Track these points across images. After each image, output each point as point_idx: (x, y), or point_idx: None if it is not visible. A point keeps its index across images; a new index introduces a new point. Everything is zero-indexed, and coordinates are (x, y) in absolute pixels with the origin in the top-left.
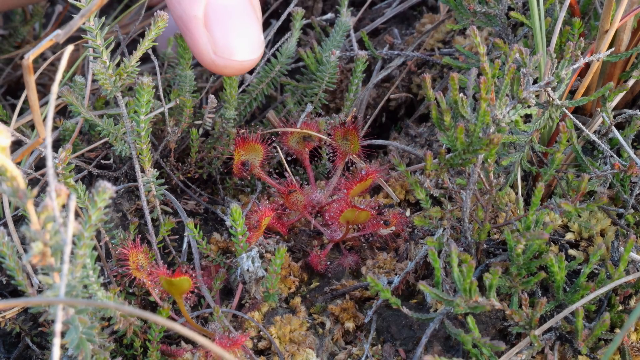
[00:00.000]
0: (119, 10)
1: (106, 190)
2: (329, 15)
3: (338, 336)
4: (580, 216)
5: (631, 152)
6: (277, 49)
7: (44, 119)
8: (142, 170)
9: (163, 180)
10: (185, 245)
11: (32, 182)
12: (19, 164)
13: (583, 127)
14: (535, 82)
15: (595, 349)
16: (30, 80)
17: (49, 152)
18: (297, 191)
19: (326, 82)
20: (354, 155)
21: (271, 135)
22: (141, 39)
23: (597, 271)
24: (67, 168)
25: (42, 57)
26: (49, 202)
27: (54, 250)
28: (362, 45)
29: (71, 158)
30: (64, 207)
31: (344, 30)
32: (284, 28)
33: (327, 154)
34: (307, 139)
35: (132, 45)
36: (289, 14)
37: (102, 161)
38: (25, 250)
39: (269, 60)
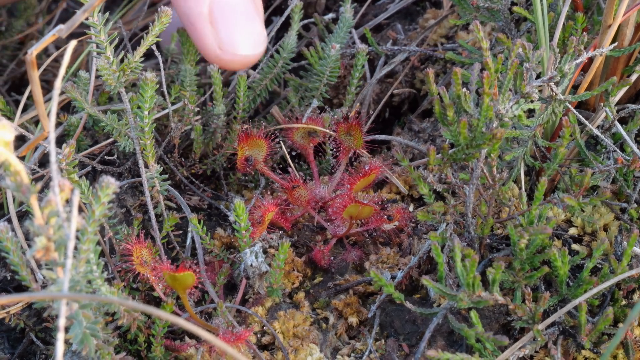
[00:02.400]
0: (122, 6)
1: (110, 185)
2: (331, 15)
3: (341, 331)
4: (583, 211)
5: (634, 147)
6: (280, 45)
7: (48, 114)
8: (146, 166)
9: (167, 176)
10: (189, 241)
11: (37, 179)
12: (22, 159)
13: (586, 122)
14: (538, 76)
15: (598, 343)
16: (34, 75)
17: (52, 148)
18: (300, 186)
19: (327, 76)
20: (360, 150)
21: (274, 130)
22: (145, 35)
23: (600, 266)
24: (70, 163)
25: (46, 53)
26: (53, 197)
27: (57, 245)
28: (365, 41)
29: (75, 155)
30: (68, 202)
31: (347, 26)
32: (287, 25)
33: (330, 150)
34: (312, 135)
35: (136, 41)
36: (292, 11)
37: (105, 157)
38: (29, 246)
39: (272, 56)
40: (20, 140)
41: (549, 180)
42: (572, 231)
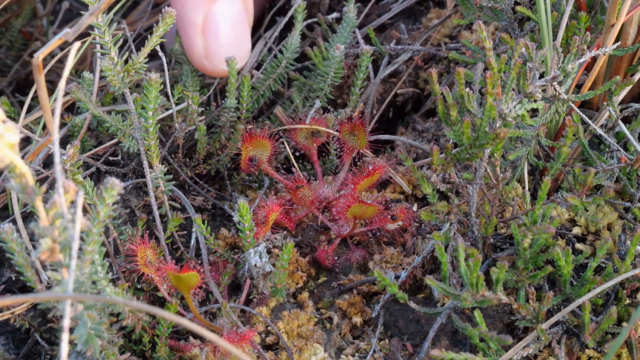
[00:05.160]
0: (126, 7)
1: (114, 186)
2: (335, 15)
3: (346, 331)
4: (587, 210)
5: (638, 146)
6: (283, 45)
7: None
8: (150, 166)
9: (171, 176)
10: (193, 241)
11: (41, 180)
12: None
13: (589, 121)
14: (541, 76)
15: (602, 342)
16: (40, 79)
17: (56, 149)
18: (304, 186)
19: (332, 76)
20: (363, 149)
21: (278, 131)
22: (149, 36)
23: (604, 265)
24: (75, 164)
25: (50, 53)
26: (57, 198)
27: (62, 247)
28: (368, 41)
29: (79, 156)
30: (73, 203)
31: (351, 26)
32: (290, 25)
33: (334, 150)
34: (316, 135)
35: (140, 41)
36: (295, 11)
37: (110, 157)
38: (34, 247)
39: (275, 56)
40: (25, 142)
41: (553, 179)
42: (576, 230)
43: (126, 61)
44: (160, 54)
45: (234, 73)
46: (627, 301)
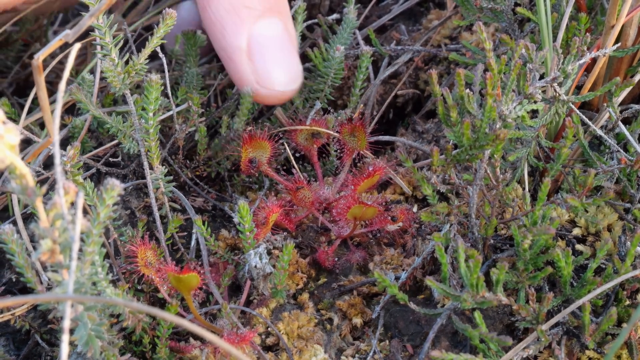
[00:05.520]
0: (126, 7)
1: (114, 187)
2: (335, 16)
3: (346, 332)
4: (587, 211)
5: (638, 147)
6: None
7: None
8: (151, 168)
9: (171, 178)
10: (193, 242)
11: (42, 181)
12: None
13: (589, 122)
14: (541, 77)
15: (602, 343)
16: (41, 80)
17: (56, 151)
18: (304, 188)
19: (332, 77)
20: (364, 150)
21: (278, 132)
22: (150, 37)
23: (604, 266)
24: (75, 166)
25: (50, 54)
26: (58, 199)
27: (62, 248)
28: (369, 42)
29: (80, 157)
30: (73, 204)
31: (351, 27)
32: None
33: (334, 151)
34: (316, 136)
35: (140, 39)
36: (296, 12)
37: (110, 158)
38: (35, 248)
39: None
40: (25, 143)
41: (553, 180)
42: (576, 231)
43: (126, 62)
44: (161, 55)
45: (247, 105)
46: (627, 302)
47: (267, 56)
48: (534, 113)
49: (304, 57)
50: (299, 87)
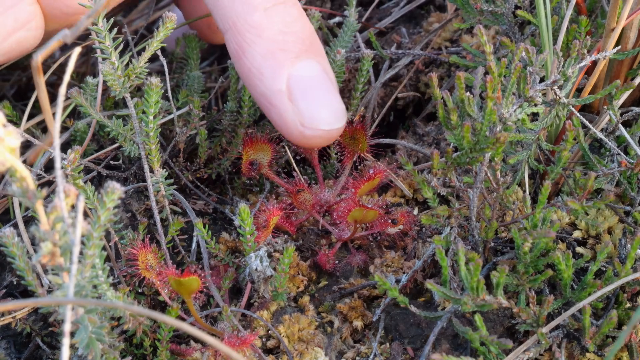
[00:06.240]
0: (127, 8)
1: (115, 190)
2: (337, 19)
3: (346, 335)
4: (587, 214)
5: (638, 150)
6: None
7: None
8: (151, 171)
9: (172, 180)
10: (194, 245)
11: (42, 184)
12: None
13: (590, 125)
14: (542, 80)
15: (602, 346)
16: (40, 80)
17: (57, 154)
18: (305, 190)
19: None
20: (364, 153)
21: (279, 134)
22: (150, 40)
23: (604, 269)
24: (76, 169)
25: (51, 57)
26: (58, 202)
27: (63, 251)
28: (369, 45)
29: (81, 160)
30: (73, 207)
31: (352, 30)
32: None
33: (335, 154)
34: None
35: (140, 41)
36: None
37: (111, 162)
38: (35, 251)
39: None
40: (26, 147)
41: (553, 183)
42: (576, 234)
43: (127, 65)
44: (161, 58)
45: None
46: (628, 305)
47: (308, 96)
48: (534, 116)
49: None
50: (344, 125)
